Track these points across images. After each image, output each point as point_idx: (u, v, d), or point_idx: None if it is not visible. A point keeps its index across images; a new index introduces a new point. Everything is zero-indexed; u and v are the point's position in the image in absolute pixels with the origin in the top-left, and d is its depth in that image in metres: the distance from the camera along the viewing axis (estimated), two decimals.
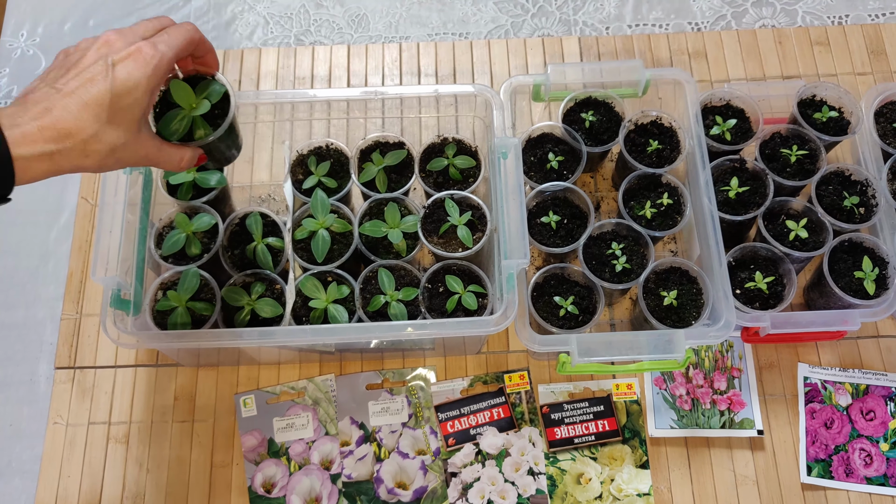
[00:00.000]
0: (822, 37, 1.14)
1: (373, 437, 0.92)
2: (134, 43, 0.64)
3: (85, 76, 0.62)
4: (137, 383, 0.96)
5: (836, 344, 0.97)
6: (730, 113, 0.99)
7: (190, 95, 0.73)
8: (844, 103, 0.98)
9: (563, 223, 0.93)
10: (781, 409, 0.94)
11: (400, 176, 0.95)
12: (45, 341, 0.98)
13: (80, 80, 0.62)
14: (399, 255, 0.90)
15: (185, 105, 0.73)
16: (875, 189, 0.93)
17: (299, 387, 0.95)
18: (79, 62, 0.64)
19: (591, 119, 0.97)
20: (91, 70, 0.63)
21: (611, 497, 0.90)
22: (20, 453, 0.93)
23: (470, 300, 0.86)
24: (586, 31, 1.17)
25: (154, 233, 0.91)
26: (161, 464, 0.92)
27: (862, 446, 0.92)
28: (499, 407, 0.93)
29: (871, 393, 0.94)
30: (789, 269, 0.90)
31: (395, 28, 1.18)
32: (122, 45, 0.64)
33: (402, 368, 0.96)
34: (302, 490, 0.90)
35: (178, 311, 0.86)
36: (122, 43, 0.64)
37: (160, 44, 0.65)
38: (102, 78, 0.62)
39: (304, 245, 0.91)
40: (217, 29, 1.18)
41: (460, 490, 0.90)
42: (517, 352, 0.97)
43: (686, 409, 0.93)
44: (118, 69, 0.63)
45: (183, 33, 0.67)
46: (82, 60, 0.64)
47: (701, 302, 0.89)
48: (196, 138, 0.73)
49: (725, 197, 0.93)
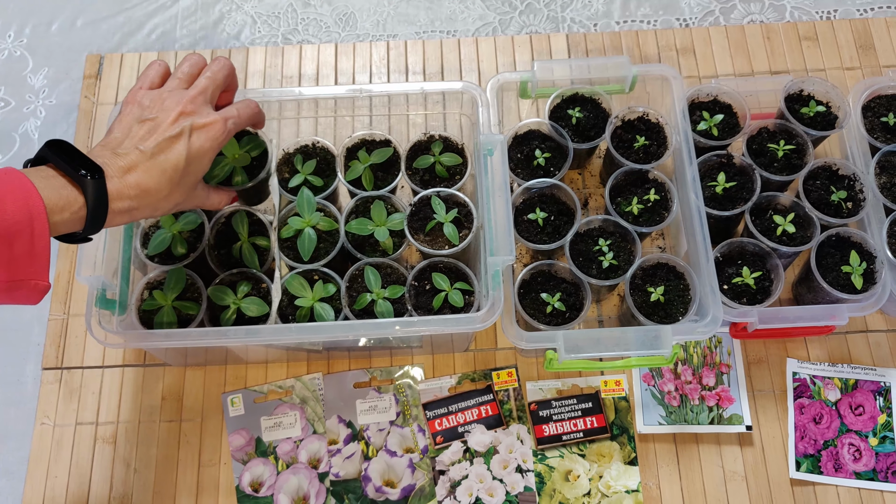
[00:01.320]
0: (810, 32, 1.14)
1: (360, 436, 0.92)
2: (208, 113, 0.74)
3: (165, 142, 0.71)
4: (125, 383, 0.95)
5: (824, 339, 0.97)
6: (717, 108, 0.99)
7: (235, 147, 0.89)
8: (832, 98, 0.98)
9: (550, 220, 0.93)
10: (770, 405, 0.94)
11: (386, 174, 0.95)
12: (31, 342, 0.98)
13: (160, 144, 0.70)
14: (385, 253, 0.90)
15: (229, 155, 0.88)
16: (863, 183, 0.93)
17: (287, 386, 0.94)
18: (159, 125, 0.72)
19: (577, 115, 0.97)
20: (170, 135, 0.71)
21: (599, 494, 0.90)
22: (7, 454, 0.93)
23: (456, 297, 0.86)
24: (574, 28, 1.17)
25: (140, 232, 0.90)
26: (149, 464, 0.92)
27: (851, 441, 0.92)
28: (487, 404, 0.93)
29: (859, 388, 0.94)
30: (777, 264, 0.90)
31: (382, 26, 1.18)
32: (199, 111, 0.73)
33: (390, 367, 0.95)
34: (290, 489, 0.90)
35: (164, 311, 0.86)
36: (197, 107, 0.73)
37: (230, 121, 0.75)
38: (180, 146, 0.71)
39: (290, 244, 0.90)
40: (205, 28, 1.18)
41: (448, 488, 0.90)
42: (505, 349, 0.96)
43: (674, 405, 0.93)
44: (193, 140, 0.72)
45: (249, 112, 0.79)
46: (162, 124, 0.72)
47: (688, 298, 0.89)
48: (233, 184, 0.88)
49: (712, 192, 0.93)
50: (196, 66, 0.78)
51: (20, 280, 0.61)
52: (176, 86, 0.76)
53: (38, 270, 0.62)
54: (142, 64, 1.13)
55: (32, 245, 0.61)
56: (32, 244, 0.61)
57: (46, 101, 1.13)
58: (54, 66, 1.15)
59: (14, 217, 0.60)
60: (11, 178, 0.62)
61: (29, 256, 0.61)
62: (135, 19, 1.18)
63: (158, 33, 1.17)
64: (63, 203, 0.64)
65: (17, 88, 1.14)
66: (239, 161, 0.89)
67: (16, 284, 0.61)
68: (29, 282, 0.62)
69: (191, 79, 0.77)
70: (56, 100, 1.13)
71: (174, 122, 0.72)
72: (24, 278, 0.62)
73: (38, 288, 0.63)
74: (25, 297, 0.63)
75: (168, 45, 1.16)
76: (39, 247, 0.62)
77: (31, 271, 0.62)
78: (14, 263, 0.60)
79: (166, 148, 0.71)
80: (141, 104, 0.73)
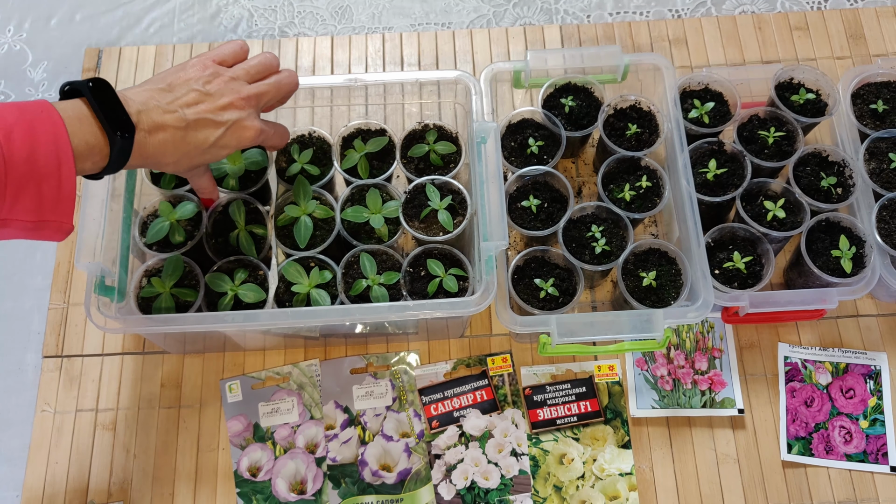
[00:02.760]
0: (801, 22, 1.15)
1: (357, 421, 0.93)
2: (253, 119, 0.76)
3: (204, 121, 0.73)
4: (124, 371, 0.97)
5: (815, 324, 0.98)
6: (708, 96, 1.00)
7: (238, 156, 0.92)
8: (822, 86, 0.99)
9: (544, 207, 0.94)
10: (762, 389, 0.95)
11: (382, 162, 0.96)
12: (32, 331, 0.99)
13: (199, 121, 0.73)
14: (381, 240, 0.91)
15: (231, 160, 0.92)
16: (852, 169, 0.94)
17: (284, 372, 0.96)
18: (210, 100, 0.74)
19: (570, 104, 0.98)
20: (212, 118, 0.73)
21: (593, 477, 0.91)
22: (8, 441, 0.94)
23: (451, 283, 0.87)
24: (567, 20, 1.18)
25: (138, 221, 0.92)
26: (148, 450, 0.93)
27: (842, 424, 0.93)
28: (482, 389, 0.94)
29: (850, 371, 0.95)
30: (767, 248, 0.91)
31: (378, 19, 1.19)
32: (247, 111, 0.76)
33: (386, 353, 0.97)
34: (287, 473, 0.91)
35: (163, 297, 0.87)
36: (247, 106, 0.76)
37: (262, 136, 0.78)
38: (214, 132, 0.74)
39: (287, 231, 0.91)
40: (202, 22, 1.19)
41: (444, 471, 0.91)
42: (500, 335, 0.98)
43: (667, 389, 0.94)
44: (227, 134, 0.75)
45: (278, 140, 0.84)
46: (213, 101, 0.74)
47: (680, 282, 0.90)
48: (225, 185, 0.92)
49: (704, 179, 0.94)
50: (267, 67, 0.80)
51: (47, 221, 0.64)
52: (242, 75, 0.77)
53: (64, 212, 0.65)
54: (140, 57, 1.14)
55: (60, 188, 0.64)
56: (60, 187, 0.64)
57: (46, 95, 1.14)
58: (53, 59, 1.17)
59: (44, 161, 0.62)
60: (45, 119, 0.63)
61: (56, 199, 0.64)
62: (133, 13, 1.20)
63: (156, 27, 1.19)
64: (89, 152, 0.66)
65: (16, 82, 1.15)
66: (235, 170, 0.92)
67: (43, 224, 0.64)
68: (54, 223, 0.65)
69: (257, 76, 0.79)
70: (55, 93, 1.14)
71: (223, 109, 0.74)
72: (50, 219, 0.65)
73: (62, 228, 0.66)
74: (50, 235, 0.66)
75: (166, 39, 1.18)
76: (66, 190, 0.64)
77: (58, 213, 0.65)
78: (43, 205, 0.63)
79: (203, 126, 0.73)
80: (206, 72, 0.75)
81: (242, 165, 0.92)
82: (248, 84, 0.77)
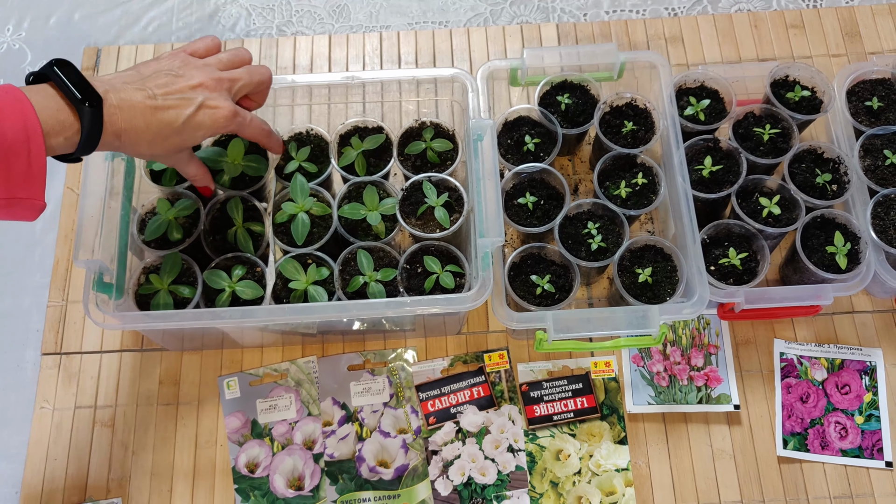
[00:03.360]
0: (797, 20, 1.16)
1: (354, 417, 0.94)
2: (225, 98, 0.77)
3: (175, 99, 0.74)
4: (123, 368, 0.97)
5: (811, 320, 0.98)
6: (704, 94, 1.00)
7: (239, 154, 0.92)
8: (817, 83, 1.00)
9: (540, 204, 0.95)
10: (758, 385, 0.95)
11: (379, 160, 0.97)
12: (31, 328, 1.00)
13: (169, 99, 0.73)
14: (378, 237, 0.92)
15: (230, 157, 0.92)
16: (847, 166, 0.94)
17: (282, 369, 0.96)
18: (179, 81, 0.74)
19: (566, 102, 0.99)
20: (182, 95, 0.74)
21: (590, 472, 0.91)
22: (7, 438, 0.95)
23: (448, 280, 0.88)
24: (564, 18, 1.18)
25: (137, 219, 0.92)
26: (146, 446, 0.93)
27: (837, 419, 0.93)
28: (479, 386, 0.95)
29: (846, 367, 0.95)
30: (763, 245, 0.91)
31: (375, 18, 1.20)
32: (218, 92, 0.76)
33: (384, 349, 0.97)
34: (285, 469, 0.91)
35: (161, 294, 0.87)
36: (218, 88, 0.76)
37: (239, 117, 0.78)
38: (185, 111, 0.74)
39: (284, 228, 0.92)
40: (200, 21, 1.20)
41: (441, 467, 0.91)
42: (496, 332, 0.98)
43: (663, 385, 0.95)
44: (200, 113, 0.75)
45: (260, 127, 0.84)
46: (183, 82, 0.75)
47: (675, 279, 0.90)
48: (217, 179, 0.92)
49: (699, 176, 0.95)
50: (239, 57, 0.81)
51: (18, 198, 0.64)
52: (214, 63, 0.79)
53: (35, 189, 0.65)
54: (138, 56, 1.15)
55: (29, 165, 0.63)
56: (29, 164, 0.63)
57: None
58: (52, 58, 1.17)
59: (12, 136, 0.62)
60: (11, 98, 0.63)
61: (26, 175, 0.63)
62: (131, 13, 1.20)
63: (155, 26, 1.19)
64: (59, 127, 0.66)
65: (15, 81, 1.15)
66: (233, 168, 0.92)
67: (14, 202, 0.64)
68: (26, 200, 0.65)
69: (229, 65, 0.80)
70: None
71: (193, 88, 0.75)
72: (21, 196, 0.64)
73: (34, 206, 0.66)
74: (22, 214, 0.66)
75: (164, 38, 1.18)
76: (36, 167, 0.64)
77: (29, 190, 0.64)
78: (12, 181, 0.63)
79: (173, 105, 0.73)
80: (179, 60, 0.77)
81: (241, 165, 0.92)
82: (220, 71, 0.78)
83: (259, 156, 0.94)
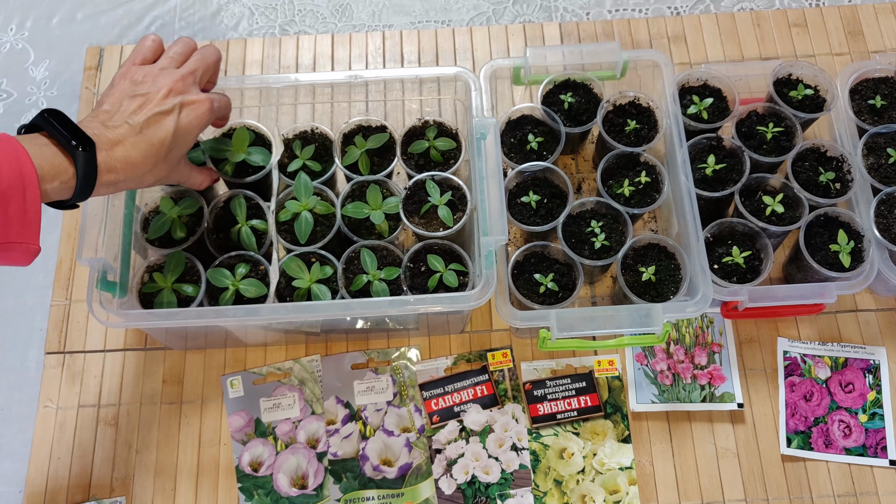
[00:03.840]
0: (799, 19, 1.16)
1: (358, 416, 0.94)
2: (197, 92, 0.77)
3: (154, 116, 0.74)
4: (126, 367, 0.97)
5: (815, 319, 0.98)
6: (707, 93, 1.00)
7: (244, 144, 0.92)
8: (820, 81, 1.00)
9: (543, 202, 0.95)
10: (761, 383, 0.95)
11: (382, 159, 0.97)
12: (34, 328, 1.00)
13: (150, 119, 0.73)
14: (381, 236, 0.92)
15: (235, 147, 0.92)
16: (850, 164, 0.94)
17: (285, 367, 0.96)
18: (150, 100, 0.74)
19: (569, 101, 0.99)
20: (160, 110, 0.74)
21: (593, 471, 0.91)
22: (11, 437, 0.95)
23: (451, 278, 0.88)
24: (567, 17, 1.18)
25: (140, 217, 0.92)
26: (150, 445, 0.93)
27: (841, 418, 0.93)
28: (482, 384, 0.95)
29: (849, 366, 0.95)
30: (766, 243, 0.91)
31: (378, 17, 1.20)
32: (188, 90, 0.76)
33: (387, 348, 0.97)
34: (289, 468, 0.91)
35: (164, 293, 0.87)
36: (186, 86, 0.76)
37: (215, 102, 0.79)
38: (169, 121, 0.74)
39: (288, 227, 0.92)
40: (203, 20, 1.20)
41: (445, 466, 0.91)
42: (500, 330, 0.98)
43: (667, 384, 0.95)
44: (182, 116, 0.75)
45: (227, 103, 0.84)
46: (153, 99, 0.74)
47: (679, 277, 0.90)
48: (219, 168, 0.92)
49: (703, 174, 0.95)
50: (188, 47, 0.81)
51: (13, 243, 0.65)
52: (167, 64, 0.78)
53: (30, 234, 0.66)
54: None
55: (25, 210, 0.64)
56: (25, 209, 0.64)
57: (48, 93, 1.15)
58: (55, 58, 1.17)
59: (7, 181, 0.63)
60: (5, 144, 0.64)
61: (22, 220, 0.64)
62: (134, 12, 1.20)
63: (157, 25, 1.19)
64: (54, 172, 0.67)
65: (19, 80, 1.16)
66: (238, 156, 0.92)
67: (8, 246, 0.65)
68: (21, 245, 0.65)
69: (182, 59, 0.80)
70: (57, 91, 1.15)
71: (165, 97, 0.74)
72: (16, 241, 0.65)
73: (29, 251, 0.66)
74: (17, 258, 0.66)
75: (167, 37, 1.16)
76: (32, 212, 0.65)
77: (24, 234, 0.65)
78: (7, 226, 0.63)
79: (155, 123, 0.73)
80: (133, 79, 0.76)
81: (245, 151, 0.92)
82: (177, 68, 0.78)
83: (261, 148, 0.94)
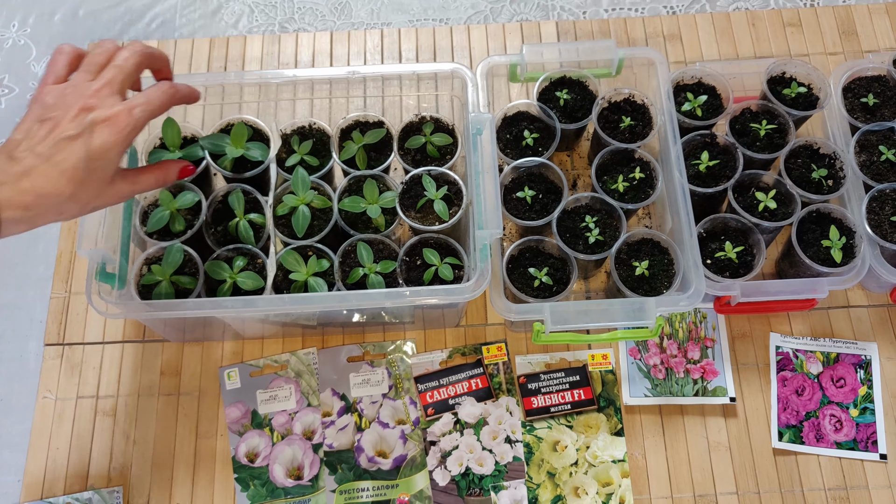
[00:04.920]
0: (794, 18, 1.17)
1: (354, 408, 0.94)
2: (112, 105, 0.69)
3: (62, 142, 0.67)
4: (125, 358, 0.98)
5: (807, 314, 0.99)
6: (701, 90, 1.01)
7: (242, 139, 0.92)
8: (813, 80, 1.01)
9: (539, 198, 0.95)
10: (754, 378, 0.96)
11: (379, 154, 0.98)
12: (34, 319, 1.01)
13: (58, 145, 0.67)
14: (378, 230, 0.92)
15: (234, 143, 0.92)
16: (843, 161, 0.95)
17: (282, 360, 0.97)
18: (58, 123, 0.68)
19: (565, 97, 1.00)
20: (67, 134, 0.67)
21: (586, 464, 0.92)
22: (10, 427, 0.95)
23: (446, 272, 0.89)
24: (563, 16, 1.20)
25: (139, 210, 0.93)
26: (147, 435, 0.94)
27: (832, 412, 0.94)
28: (477, 378, 0.96)
29: (841, 361, 0.96)
30: (759, 239, 0.92)
31: (376, 15, 1.21)
32: (103, 104, 0.69)
33: (383, 341, 0.98)
34: (284, 459, 0.92)
35: (163, 285, 0.88)
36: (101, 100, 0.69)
37: (137, 109, 0.70)
38: (78, 145, 0.67)
39: (285, 220, 0.93)
40: (203, 18, 1.21)
41: (439, 458, 0.92)
42: (495, 324, 0.99)
43: (660, 378, 0.96)
44: (95, 136, 0.68)
45: (162, 97, 0.73)
46: (62, 122, 0.68)
47: (672, 272, 0.91)
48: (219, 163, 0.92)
49: (696, 170, 0.96)
50: (106, 53, 0.73)
51: None
52: (82, 79, 0.71)
53: None
54: None
55: None
56: None
57: None
58: None
59: None
60: None
61: None
62: (135, 9, 1.21)
63: (158, 23, 1.20)
64: None
65: (20, 76, 1.17)
66: (237, 151, 0.91)
67: None
68: None
69: (100, 69, 0.72)
70: None
71: (73, 119, 0.68)
72: None
73: None
74: None
75: (168, 35, 1.19)
76: None
77: None
78: None
79: (64, 148, 0.67)
80: (43, 103, 0.69)
81: (241, 148, 0.92)
82: (91, 82, 0.70)
83: (260, 143, 0.94)
